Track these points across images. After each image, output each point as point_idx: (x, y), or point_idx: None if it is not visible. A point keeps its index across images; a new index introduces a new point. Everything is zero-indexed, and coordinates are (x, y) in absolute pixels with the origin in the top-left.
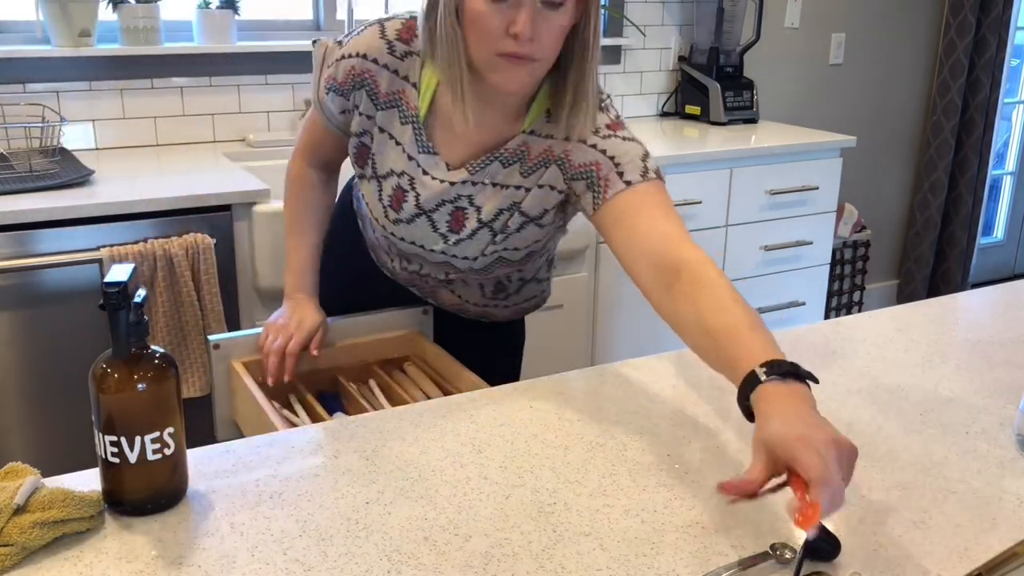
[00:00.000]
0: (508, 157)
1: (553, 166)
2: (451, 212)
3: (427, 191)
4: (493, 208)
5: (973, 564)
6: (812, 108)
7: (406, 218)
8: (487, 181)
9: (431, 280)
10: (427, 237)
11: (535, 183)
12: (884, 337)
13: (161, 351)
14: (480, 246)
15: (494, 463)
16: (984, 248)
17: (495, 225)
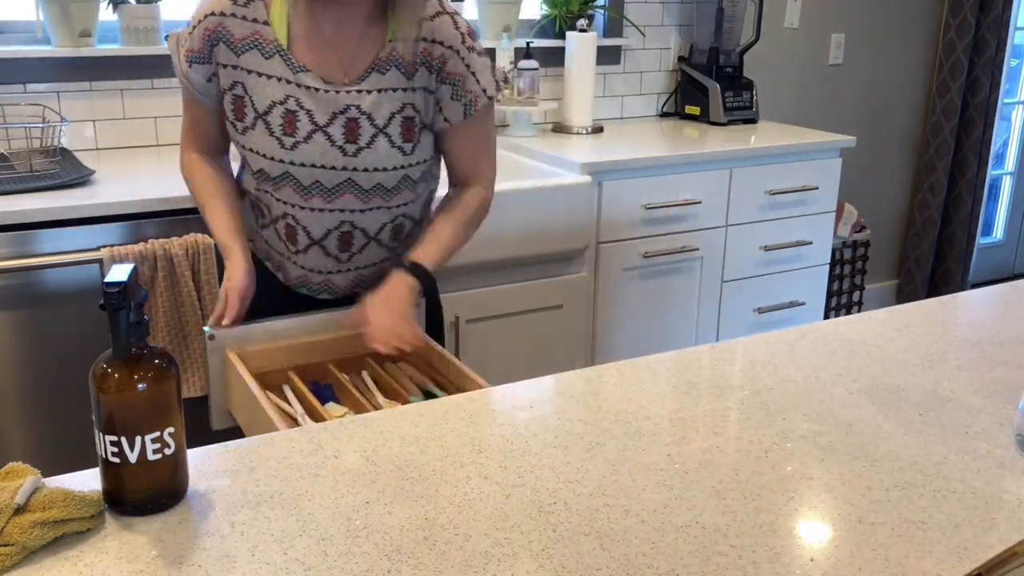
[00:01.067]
0: (383, 64)
1: (423, 68)
2: (344, 123)
3: (316, 104)
4: (385, 113)
5: (973, 564)
6: (812, 108)
7: (303, 137)
8: (371, 88)
9: (330, 243)
10: (327, 154)
11: (420, 84)
12: (884, 337)
13: (161, 350)
14: (382, 157)
15: (494, 463)
16: (984, 248)
17: (391, 131)
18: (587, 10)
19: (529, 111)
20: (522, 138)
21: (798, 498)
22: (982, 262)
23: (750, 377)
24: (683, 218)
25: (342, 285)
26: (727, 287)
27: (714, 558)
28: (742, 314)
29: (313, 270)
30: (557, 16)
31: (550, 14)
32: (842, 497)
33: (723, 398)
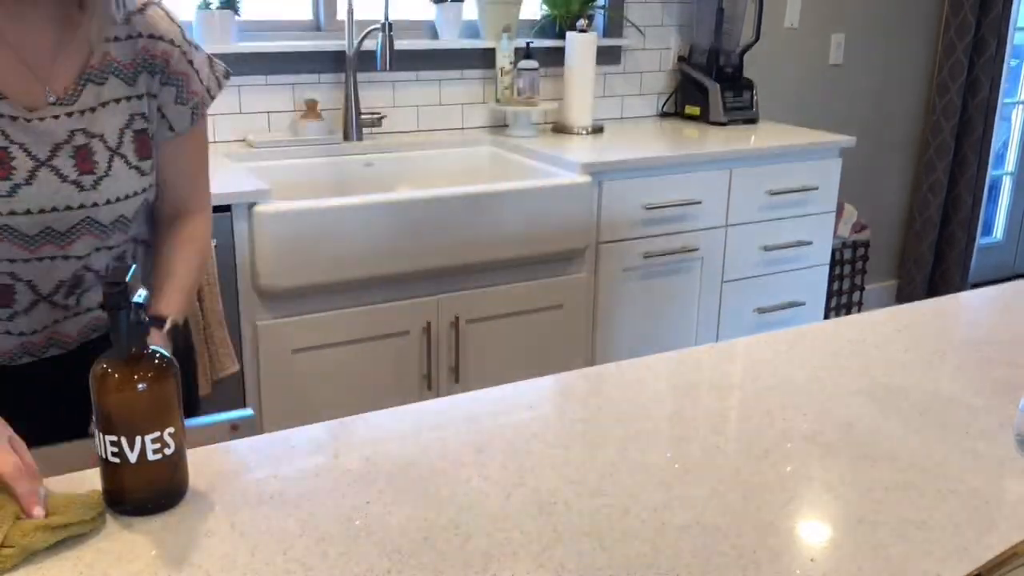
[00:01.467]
0: (97, 73)
1: (144, 72)
2: (72, 154)
3: (32, 137)
4: (115, 129)
5: (973, 564)
6: (812, 108)
7: (24, 178)
8: (93, 105)
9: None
10: (59, 193)
11: (144, 90)
12: (884, 337)
13: (162, 352)
14: (123, 183)
15: (494, 463)
16: (984, 248)
17: (125, 150)
18: (587, 10)
19: (529, 111)
20: (522, 138)
21: (798, 498)
22: (982, 262)
23: (750, 377)
24: (683, 218)
25: (72, 334)
26: (727, 287)
27: (714, 558)
28: (742, 314)
29: (36, 331)
30: (557, 16)
31: (550, 14)
32: (842, 497)
33: (723, 398)
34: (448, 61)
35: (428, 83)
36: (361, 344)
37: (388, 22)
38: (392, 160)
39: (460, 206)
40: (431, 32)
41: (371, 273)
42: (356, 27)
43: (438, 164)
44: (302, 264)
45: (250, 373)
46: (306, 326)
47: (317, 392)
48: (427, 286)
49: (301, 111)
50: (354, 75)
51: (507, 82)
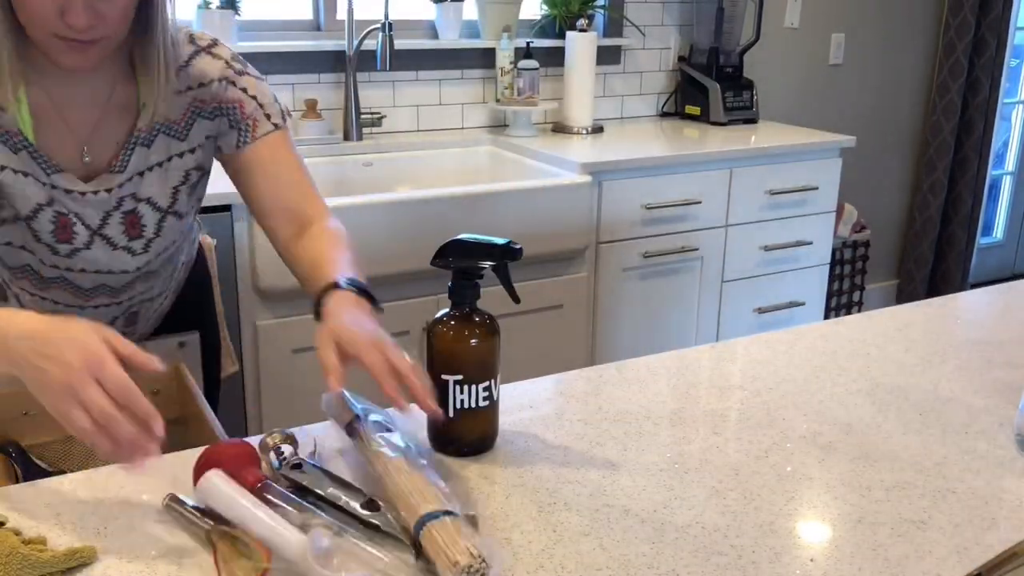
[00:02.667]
0: (145, 136)
1: (199, 120)
2: (122, 220)
3: (84, 208)
4: (166, 190)
5: (973, 564)
6: (812, 108)
7: (82, 244)
8: (141, 170)
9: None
10: (112, 260)
11: (196, 142)
12: (884, 337)
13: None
14: (174, 235)
15: (494, 463)
16: (984, 248)
17: (178, 207)
18: (587, 10)
19: (529, 111)
20: (522, 138)
21: (798, 498)
22: (982, 262)
23: (750, 377)
24: (683, 218)
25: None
26: (727, 287)
27: (714, 558)
28: (742, 314)
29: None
30: (557, 16)
31: (550, 14)
32: (842, 497)
33: (723, 398)
34: (448, 61)
35: (428, 83)
36: None
37: (388, 22)
38: (392, 160)
39: (460, 206)
40: (431, 32)
41: (371, 273)
42: (356, 27)
43: (438, 164)
44: None
45: (250, 373)
46: (306, 326)
47: (317, 392)
48: (427, 286)
49: (301, 111)
50: (354, 75)
51: (507, 82)
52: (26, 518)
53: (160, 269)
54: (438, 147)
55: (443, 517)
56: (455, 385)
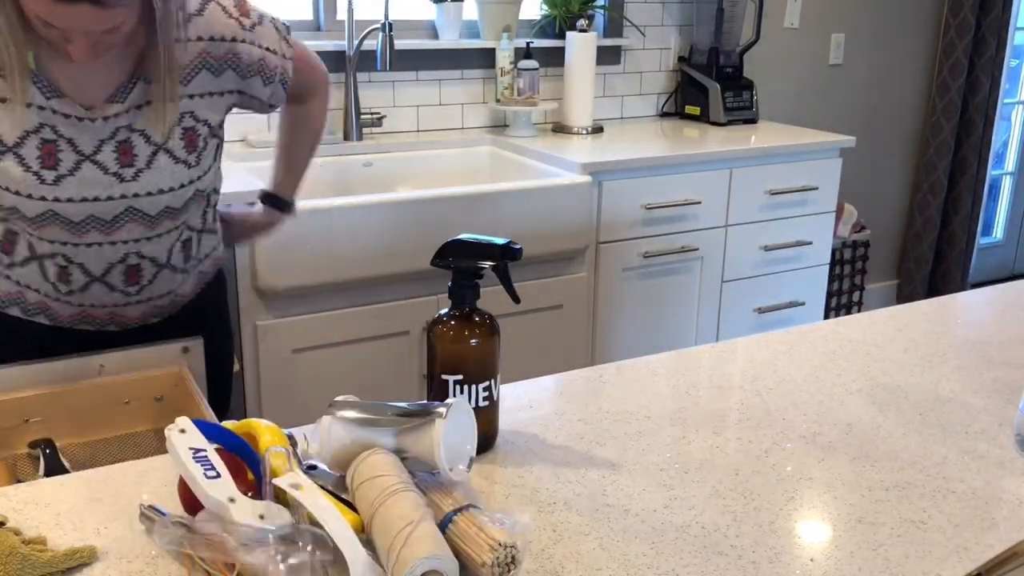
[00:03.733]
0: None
1: (204, 72)
2: (115, 147)
3: (79, 133)
4: (163, 128)
5: (973, 564)
6: (812, 108)
7: (68, 169)
8: (141, 103)
9: (114, 278)
10: (99, 183)
11: (200, 90)
12: (884, 337)
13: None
14: (165, 176)
15: (494, 463)
16: (984, 248)
17: (171, 145)
18: (587, 10)
19: (529, 111)
20: (522, 138)
21: (798, 498)
22: (982, 262)
23: (750, 377)
24: (683, 218)
25: (134, 316)
26: (727, 287)
27: (714, 558)
28: (742, 314)
29: (96, 305)
30: (557, 16)
31: (550, 14)
32: (842, 497)
33: (723, 398)
34: (448, 61)
35: (428, 83)
36: (361, 344)
37: (388, 22)
38: (392, 160)
39: (460, 206)
40: (431, 32)
41: (371, 273)
42: (356, 27)
43: (438, 164)
44: (302, 264)
45: (250, 373)
46: (306, 326)
47: (317, 392)
48: (427, 286)
49: None
50: (354, 75)
51: (507, 82)
52: (26, 518)
53: (158, 217)
54: (438, 147)
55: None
56: (455, 385)
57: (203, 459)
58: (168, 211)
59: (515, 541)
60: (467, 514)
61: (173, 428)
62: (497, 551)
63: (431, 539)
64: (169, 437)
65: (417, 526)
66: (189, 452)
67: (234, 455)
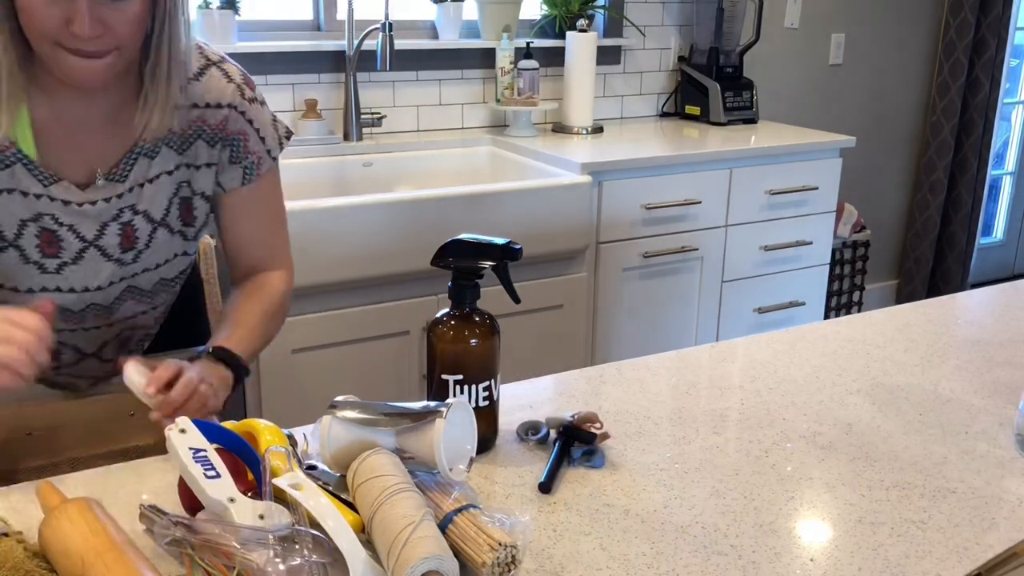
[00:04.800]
0: (149, 148)
1: (199, 141)
2: (119, 231)
3: (81, 219)
4: (162, 203)
5: (973, 564)
6: (812, 108)
7: (71, 258)
8: (141, 181)
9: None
10: (100, 273)
11: (197, 161)
12: (884, 337)
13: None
14: (163, 250)
15: (494, 463)
16: (984, 248)
17: (170, 220)
18: (587, 10)
19: (529, 111)
20: (522, 138)
21: (798, 498)
22: (982, 262)
23: (750, 377)
24: (683, 218)
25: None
26: (727, 287)
27: (714, 558)
28: (742, 314)
29: (82, 377)
30: (557, 16)
31: (550, 14)
32: (842, 497)
33: (723, 398)
34: (448, 61)
35: (428, 83)
36: (361, 344)
37: (388, 22)
38: (392, 160)
39: (460, 206)
40: (431, 32)
41: (371, 273)
42: (356, 27)
43: (438, 164)
44: (302, 264)
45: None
46: (306, 326)
47: (317, 392)
48: (427, 286)
49: (301, 111)
50: (354, 75)
51: (507, 82)
52: (26, 518)
53: (154, 291)
54: (438, 147)
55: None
56: (455, 385)
57: (203, 459)
58: (163, 283)
59: (515, 541)
60: (467, 514)
61: (173, 428)
62: (497, 551)
63: (431, 539)
64: (169, 437)
65: (417, 526)
66: (189, 452)
67: (234, 455)
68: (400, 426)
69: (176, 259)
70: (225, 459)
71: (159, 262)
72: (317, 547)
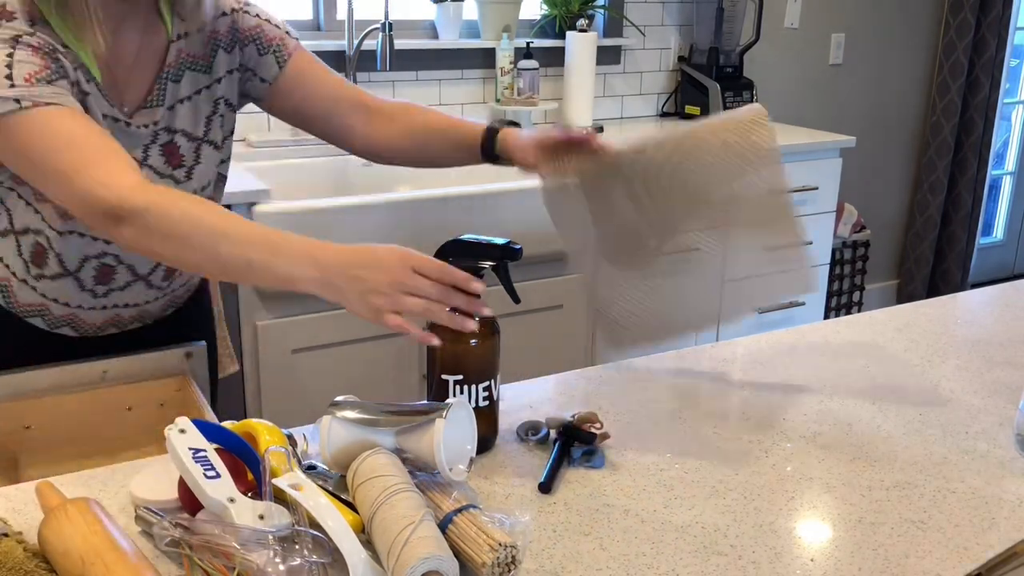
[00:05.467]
0: (175, 72)
1: (220, 52)
2: (160, 152)
3: (128, 140)
4: (199, 121)
5: (973, 564)
6: (812, 108)
7: None
8: (172, 103)
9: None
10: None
11: (221, 73)
12: (884, 337)
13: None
14: (210, 166)
15: (494, 463)
16: (984, 248)
17: (212, 135)
18: (587, 10)
19: (529, 111)
20: None
21: (798, 498)
22: (982, 262)
23: (750, 377)
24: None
25: (92, 323)
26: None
27: (714, 558)
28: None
29: (56, 300)
30: (557, 16)
31: (550, 14)
32: (842, 497)
33: (723, 398)
34: (448, 61)
35: (428, 83)
36: (361, 344)
37: (388, 22)
38: None
39: (460, 206)
40: (431, 32)
41: None
42: (356, 27)
43: None
44: None
45: (250, 373)
46: (306, 326)
47: (317, 392)
48: None
49: None
50: (354, 75)
51: (507, 82)
52: (26, 518)
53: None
54: None
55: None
56: (455, 385)
57: (203, 459)
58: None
59: (515, 541)
60: (467, 514)
61: (173, 428)
62: (497, 551)
63: (431, 539)
64: (169, 437)
65: (417, 526)
66: (189, 452)
67: (234, 455)
68: (400, 426)
69: (216, 176)
70: (225, 459)
71: (210, 179)
72: (317, 547)
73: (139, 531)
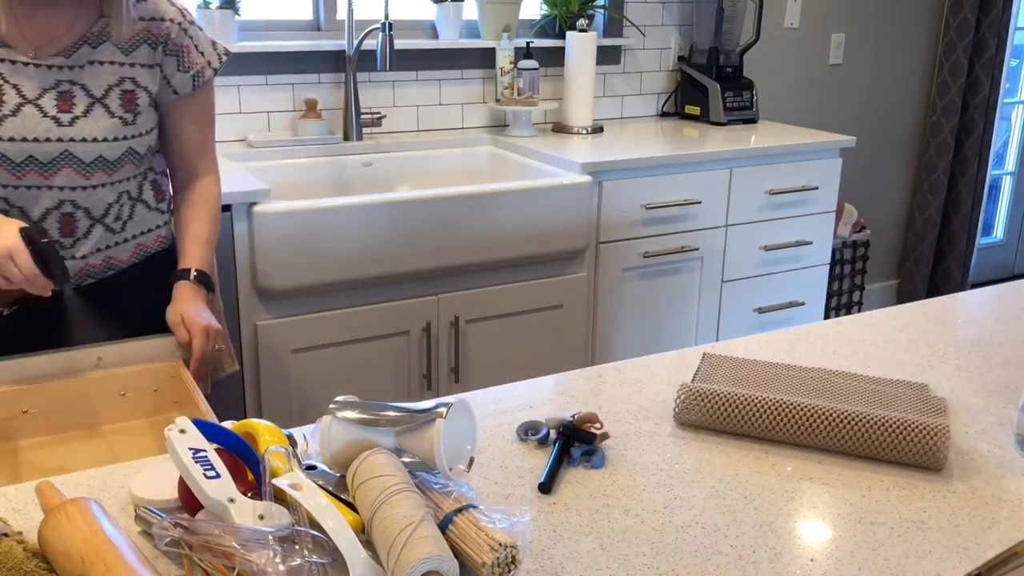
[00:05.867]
0: (95, 38)
1: (144, 46)
2: (56, 96)
3: (24, 78)
4: (101, 84)
5: (973, 564)
6: (812, 108)
7: (10, 111)
8: (82, 62)
9: (49, 226)
10: (38, 126)
11: (141, 60)
12: (884, 337)
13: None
14: (101, 127)
15: (494, 463)
16: (984, 248)
17: (109, 102)
18: (587, 10)
19: (529, 111)
20: (522, 138)
21: (798, 498)
22: (982, 262)
23: None
24: (683, 218)
25: (124, 257)
26: (727, 287)
27: (714, 558)
28: (742, 314)
29: (93, 253)
30: (557, 16)
31: (550, 14)
32: (842, 497)
33: None
34: (448, 61)
35: (428, 83)
36: (361, 344)
37: (388, 22)
38: (392, 160)
39: (460, 206)
40: (431, 32)
41: (371, 273)
42: (356, 27)
43: (438, 164)
44: (302, 264)
45: (250, 373)
46: (306, 326)
47: (317, 392)
48: (427, 286)
49: (301, 111)
50: (354, 75)
51: (507, 82)
52: (26, 518)
53: (92, 166)
54: (438, 147)
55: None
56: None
57: (203, 459)
58: (102, 162)
59: (515, 541)
60: (467, 514)
61: (173, 428)
62: (497, 551)
63: (431, 539)
64: (169, 437)
65: (417, 526)
66: (189, 452)
67: (234, 455)
68: (400, 426)
69: (115, 143)
70: (225, 459)
71: (97, 136)
72: (317, 547)
73: (139, 531)
